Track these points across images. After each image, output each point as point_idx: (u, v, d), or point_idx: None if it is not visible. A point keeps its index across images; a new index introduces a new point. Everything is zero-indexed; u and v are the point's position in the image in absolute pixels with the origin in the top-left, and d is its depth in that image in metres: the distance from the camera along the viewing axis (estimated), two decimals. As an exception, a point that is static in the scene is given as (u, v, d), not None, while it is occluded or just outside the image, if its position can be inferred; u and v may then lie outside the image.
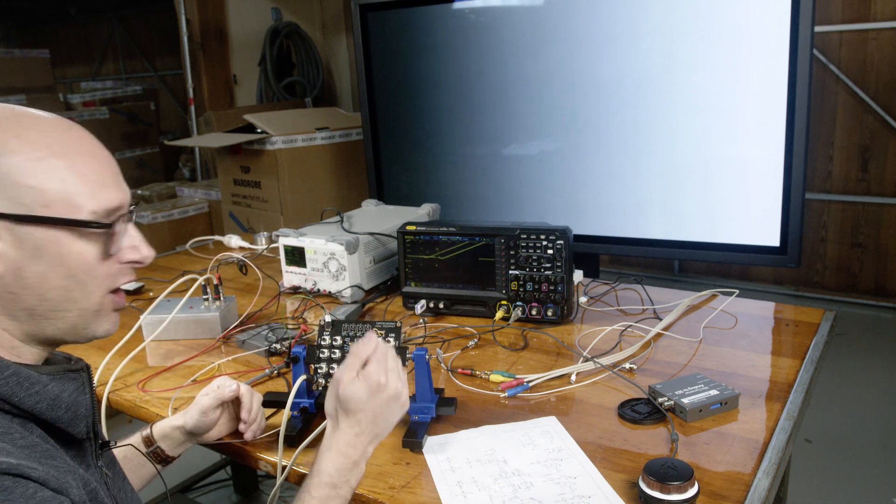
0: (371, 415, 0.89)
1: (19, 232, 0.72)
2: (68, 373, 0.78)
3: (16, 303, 0.73)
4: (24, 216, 0.71)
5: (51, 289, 0.74)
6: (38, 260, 0.73)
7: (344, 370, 0.90)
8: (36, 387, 0.72)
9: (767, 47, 1.82)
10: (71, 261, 0.75)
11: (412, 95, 2.49)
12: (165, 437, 1.11)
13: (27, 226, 0.72)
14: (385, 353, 0.93)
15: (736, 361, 1.29)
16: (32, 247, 0.72)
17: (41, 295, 0.74)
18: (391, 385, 0.91)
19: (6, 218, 0.71)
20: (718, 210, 1.99)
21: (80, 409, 0.77)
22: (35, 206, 0.72)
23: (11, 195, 0.71)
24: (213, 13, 5.03)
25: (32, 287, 0.73)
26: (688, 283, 4.22)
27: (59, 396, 0.74)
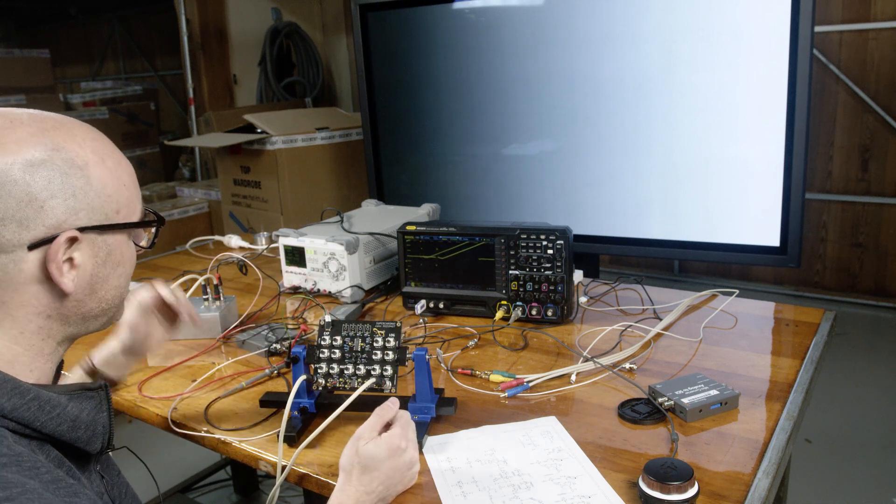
0: (384, 476, 0.91)
1: (98, 241, 0.74)
2: (85, 391, 0.78)
3: (77, 309, 0.75)
4: (107, 226, 0.74)
5: (110, 289, 0.77)
6: (105, 265, 0.75)
7: (366, 429, 0.93)
8: (57, 409, 0.72)
9: (767, 47, 1.83)
10: (127, 259, 0.79)
11: (412, 95, 2.49)
12: (108, 364, 1.10)
13: (106, 234, 0.74)
14: (409, 421, 0.97)
15: (736, 361, 1.29)
16: (105, 253, 0.75)
17: (101, 297, 0.77)
18: (409, 453, 0.94)
19: (94, 230, 0.73)
20: (718, 210, 1.99)
21: (98, 427, 0.77)
22: (111, 214, 0.74)
23: (94, 206, 0.73)
24: (213, 13, 5.03)
25: (96, 291, 0.76)
26: (688, 283, 4.22)
27: (79, 417, 0.74)
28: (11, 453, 0.65)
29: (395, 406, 0.98)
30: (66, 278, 0.72)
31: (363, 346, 1.10)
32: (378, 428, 0.94)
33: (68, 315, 0.75)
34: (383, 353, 1.09)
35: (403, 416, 0.97)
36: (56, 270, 0.70)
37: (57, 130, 0.72)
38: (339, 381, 1.09)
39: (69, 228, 0.70)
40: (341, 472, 0.93)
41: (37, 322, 0.73)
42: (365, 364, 1.09)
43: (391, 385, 1.08)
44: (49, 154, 0.70)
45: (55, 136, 0.71)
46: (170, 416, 1.19)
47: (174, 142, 3.82)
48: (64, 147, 0.71)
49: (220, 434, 1.13)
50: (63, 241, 0.70)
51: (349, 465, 0.92)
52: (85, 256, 0.73)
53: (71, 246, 0.71)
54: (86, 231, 0.72)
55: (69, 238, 0.70)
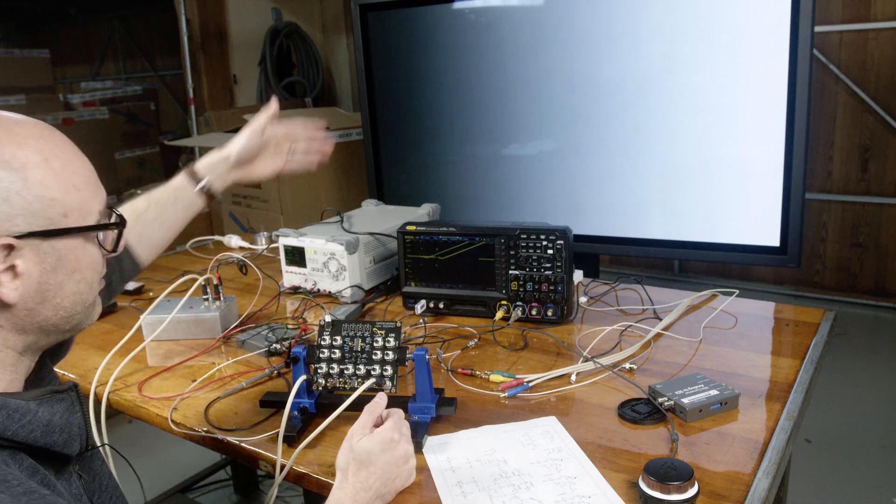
0: (380, 471, 0.91)
1: (42, 247, 0.70)
2: (55, 394, 0.76)
3: (31, 318, 0.72)
4: (50, 231, 0.70)
5: (66, 296, 0.74)
6: (56, 272, 0.72)
7: (358, 426, 0.94)
8: (27, 416, 0.70)
9: (767, 47, 1.82)
10: (85, 264, 0.75)
11: (412, 95, 2.49)
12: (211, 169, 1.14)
13: (52, 240, 0.70)
14: (400, 415, 0.97)
15: (736, 361, 1.29)
16: (54, 259, 0.71)
17: (57, 305, 0.73)
18: (402, 445, 0.94)
19: (34, 236, 0.69)
20: (718, 210, 1.99)
21: (73, 429, 0.75)
22: (58, 219, 0.71)
23: (35, 210, 0.69)
24: (213, 13, 5.03)
25: (50, 299, 0.72)
26: (688, 283, 4.23)
27: (51, 421, 0.72)
28: None
29: (384, 401, 0.98)
30: (7, 288, 0.68)
31: (363, 346, 1.10)
32: (370, 425, 0.94)
33: (23, 325, 0.72)
34: (383, 353, 1.09)
35: (394, 411, 0.98)
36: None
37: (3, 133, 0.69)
38: (339, 381, 1.09)
39: (3, 235, 0.67)
40: (337, 472, 0.93)
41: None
42: (365, 364, 1.09)
43: (391, 385, 1.08)
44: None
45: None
46: (170, 416, 1.19)
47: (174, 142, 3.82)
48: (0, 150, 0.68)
49: (220, 434, 1.13)
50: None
51: (344, 464, 0.92)
52: (29, 264, 0.69)
53: (9, 254, 0.68)
54: (25, 238, 0.68)
55: (3, 246, 0.67)
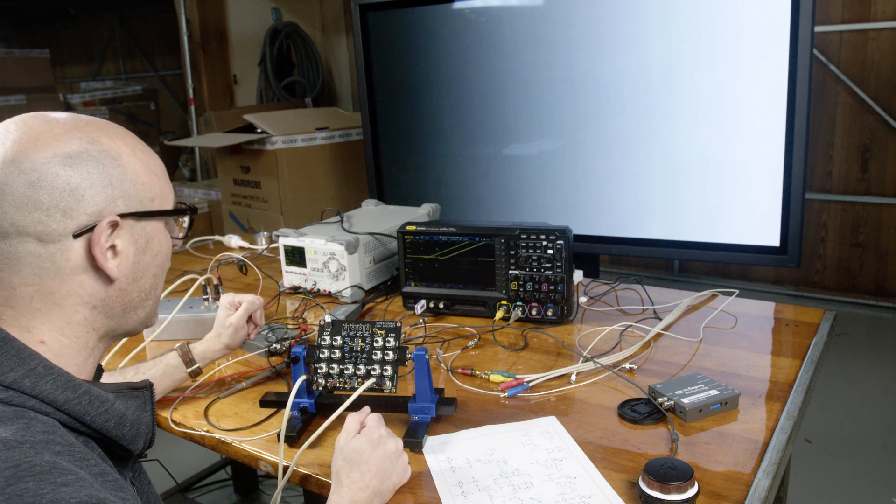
0: (374, 468, 0.92)
1: (136, 228, 0.76)
2: (131, 391, 0.80)
3: (120, 299, 0.77)
4: (143, 213, 0.76)
5: (149, 278, 0.80)
6: (145, 253, 0.78)
7: (343, 432, 0.97)
8: (105, 405, 0.73)
9: (767, 47, 1.82)
10: (164, 249, 0.81)
11: (412, 95, 2.49)
12: (205, 357, 1.26)
13: (144, 221, 0.77)
14: (380, 418, 1.00)
15: (736, 361, 1.29)
16: (145, 241, 0.78)
17: (141, 286, 0.79)
18: (391, 441, 0.97)
19: (132, 216, 0.75)
20: (718, 210, 1.99)
21: (142, 427, 0.79)
22: (147, 202, 0.77)
23: (131, 193, 0.75)
24: (213, 13, 5.03)
25: (138, 280, 0.78)
26: (688, 283, 4.22)
27: (125, 414, 0.76)
28: (65, 442, 0.67)
29: (366, 409, 1.02)
30: (111, 264, 0.74)
31: (363, 346, 1.10)
32: (355, 429, 0.97)
33: (112, 306, 0.77)
34: (383, 353, 1.09)
35: (373, 414, 1.01)
36: (101, 255, 0.73)
37: (90, 126, 0.75)
38: (339, 381, 1.09)
39: (110, 215, 0.73)
40: (333, 479, 0.93)
41: (83, 312, 0.75)
42: (365, 364, 1.09)
43: (391, 385, 1.08)
44: (86, 146, 0.73)
45: (89, 131, 0.74)
46: (170, 416, 1.19)
47: (174, 142, 3.82)
48: (98, 140, 0.74)
49: (220, 434, 1.13)
50: (105, 225, 0.72)
51: (338, 469, 0.93)
52: (126, 243, 0.75)
53: (113, 232, 0.74)
54: (125, 217, 0.74)
55: (111, 223, 0.73)
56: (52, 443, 0.66)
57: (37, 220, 0.70)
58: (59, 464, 0.63)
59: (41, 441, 0.65)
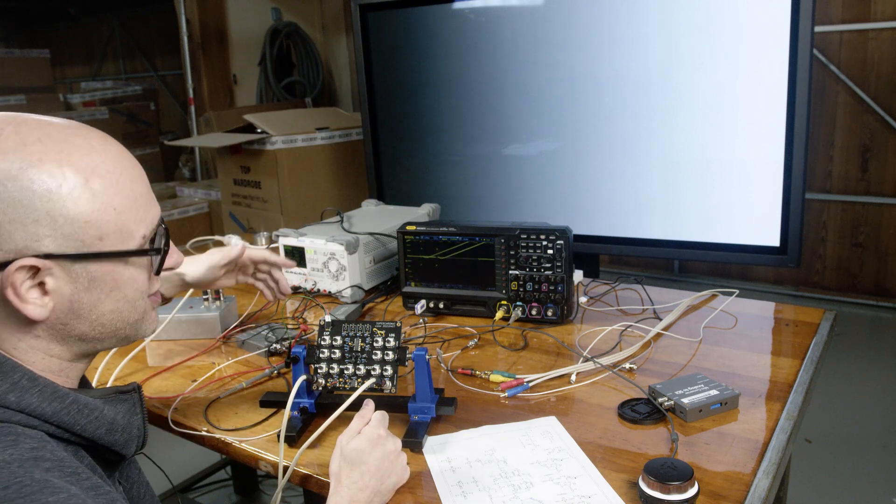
0: (374, 468, 0.91)
1: (74, 268, 0.69)
2: (119, 394, 0.78)
3: (67, 331, 0.72)
4: (81, 255, 0.69)
5: (103, 314, 0.73)
6: (90, 291, 0.71)
7: (346, 432, 0.96)
8: (95, 412, 0.71)
9: (767, 47, 1.82)
10: (125, 286, 0.74)
11: (412, 95, 2.49)
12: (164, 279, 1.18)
13: (83, 262, 0.69)
14: (384, 417, 0.99)
15: (736, 361, 1.29)
16: (87, 280, 0.70)
17: (94, 321, 0.73)
18: (391, 442, 0.96)
19: (63, 258, 0.68)
20: (718, 210, 1.99)
21: (133, 430, 0.77)
22: (92, 242, 0.69)
23: (66, 232, 0.67)
24: (213, 13, 5.03)
25: (85, 316, 0.72)
26: (688, 283, 4.22)
27: (115, 420, 0.74)
28: (55, 458, 0.65)
29: (372, 406, 1.01)
30: (32, 305, 0.68)
31: (363, 346, 1.10)
32: (359, 429, 0.96)
33: (62, 336, 0.72)
34: (383, 353, 1.09)
35: (378, 412, 1.00)
36: (14, 297, 0.66)
37: (39, 144, 0.67)
38: (339, 381, 1.09)
39: (29, 255, 0.66)
40: (332, 479, 0.93)
41: (26, 341, 0.71)
42: (365, 364, 1.09)
43: (391, 385, 1.08)
44: (15, 172, 0.65)
45: (32, 152, 0.66)
46: (170, 416, 1.19)
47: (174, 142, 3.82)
48: (37, 165, 0.65)
49: (220, 434, 1.13)
50: (15, 269, 0.65)
51: (337, 468, 0.93)
52: (60, 282, 0.69)
53: (36, 273, 0.67)
54: (54, 259, 0.67)
55: (26, 267, 0.66)
56: (41, 459, 0.64)
57: None
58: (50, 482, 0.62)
59: (30, 458, 0.63)
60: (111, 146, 0.73)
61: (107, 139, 0.74)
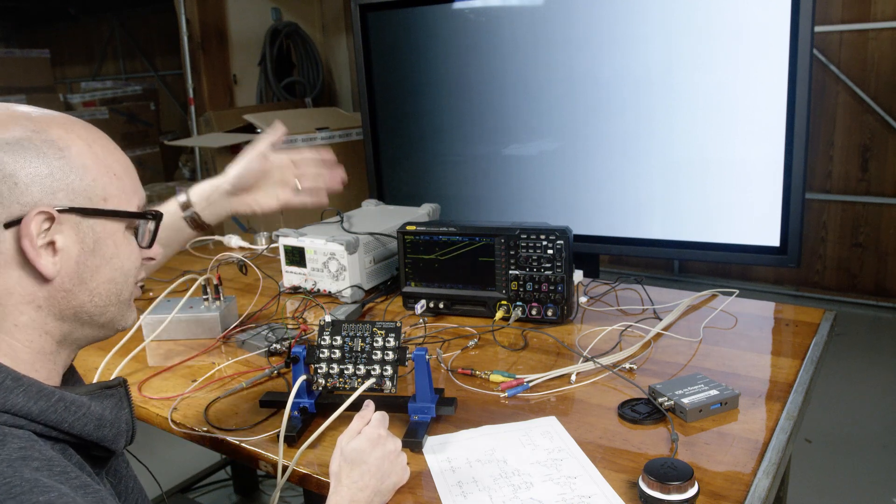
0: (374, 468, 0.92)
1: (83, 226, 0.72)
2: (105, 390, 0.78)
3: (67, 301, 0.73)
4: (91, 209, 0.72)
5: (102, 282, 0.75)
6: (94, 254, 0.74)
7: (346, 432, 0.96)
8: (82, 409, 0.71)
9: (767, 47, 1.82)
10: (122, 253, 0.77)
11: (412, 95, 2.49)
12: (206, 198, 1.15)
13: (91, 219, 0.73)
14: (384, 417, 0.99)
15: (736, 361, 1.29)
16: (93, 241, 0.73)
17: (92, 290, 0.75)
18: (391, 442, 0.96)
19: (74, 212, 0.71)
20: (718, 210, 1.99)
21: (121, 425, 0.77)
22: (98, 200, 0.73)
23: (76, 188, 0.71)
24: (213, 13, 5.03)
25: (86, 282, 0.74)
26: (688, 283, 4.22)
27: (103, 415, 0.74)
28: (43, 457, 0.65)
29: (372, 407, 1.01)
30: (45, 261, 0.70)
31: (363, 346, 1.10)
32: (359, 429, 0.96)
33: (61, 309, 0.73)
34: (383, 353, 1.09)
35: (378, 413, 1.00)
36: (31, 249, 0.68)
37: (48, 118, 0.72)
38: (339, 381, 1.09)
39: (46, 206, 0.69)
40: (331, 479, 0.93)
41: (28, 314, 0.71)
42: (365, 364, 1.09)
43: (391, 385, 1.08)
44: (28, 134, 0.70)
45: (39, 121, 0.71)
46: (170, 416, 1.19)
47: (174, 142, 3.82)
48: (46, 130, 0.71)
49: (220, 434, 1.13)
50: (34, 216, 0.68)
51: (337, 469, 0.93)
52: (68, 241, 0.71)
53: (50, 227, 0.69)
54: (66, 212, 0.70)
55: (45, 215, 0.69)
56: (29, 458, 0.64)
57: None
58: (39, 481, 0.61)
59: (18, 458, 0.63)
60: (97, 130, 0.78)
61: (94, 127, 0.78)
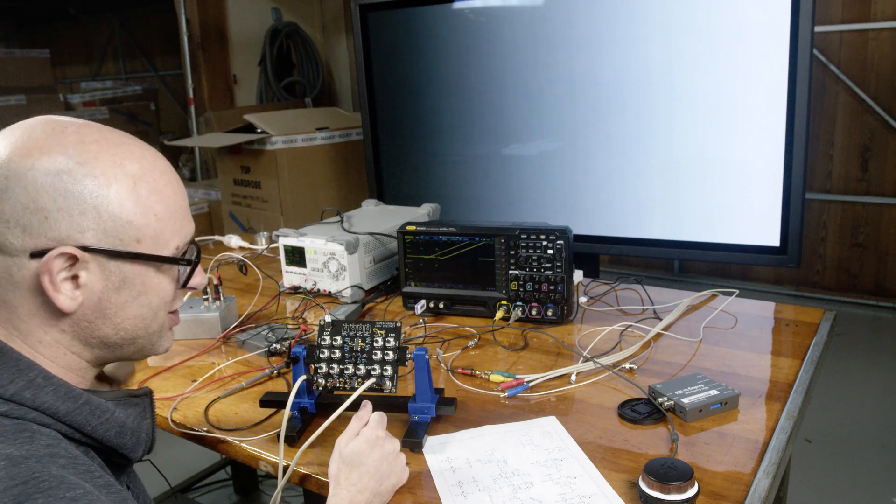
0: (372, 470, 0.91)
1: (109, 266, 0.71)
2: (130, 398, 0.78)
3: (91, 331, 0.73)
4: (119, 252, 0.71)
5: (127, 318, 0.75)
6: (120, 292, 0.73)
7: (345, 433, 0.96)
8: (106, 414, 0.72)
9: (767, 47, 1.82)
10: (152, 292, 0.76)
11: (412, 95, 2.49)
12: None
13: (118, 261, 0.71)
14: (382, 418, 0.98)
15: (736, 361, 1.29)
16: (119, 279, 0.72)
17: (117, 324, 0.74)
18: (389, 443, 0.95)
19: (101, 253, 0.70)
20: (718, 210, 1.99)
21: (142, 435, 0.78)
22: (130, 242, 0.72)
23: (108, 228, 0.70)
24: (213, 13, 5.03)
25: (110, 317, 0.74)
26: (688, 283, 4.22)
27: (125, 423, 0.75)
28: (69, 455, 0.66)
29: (370, 408, 1.01)
30: (64, 296, 0.69)
31: (363, 346, 1.10)
32: (357, 431, 0.96)
33: (84, 336, 0.73)
34: (383, 353, 1.09)
35: (376, 413, 1.00)
36: (49, 284, 0.68)
37: (97, 145, 0.70)
38: (339, 381, 1.09)
39: (71, 245, 0.68)
40: (330, 482, 0.93)
41: (51, 334, 0.72)
42: (365, 364, 1.09)
43: (391, 385, 1.08)
44: (71, 166, 0.68)
45: (89, 150, 0.69)
46: (170, 416, 1.19)
47: (174, 142, 3.82)
48: (91, 162, 0.69)
49: (220, 434, 1.13)
50: (55, 255, 0.67)
51: (336, 471, 0.93)
52: (93, 277, 0.70)
53: (74, 264, 0.69)
54: (92, 252, 0.69)
55: (66, 254, 0.68)
56: (57, 456, 0.65)
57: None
58: (66, 478, 0.62)
59: (46, 455, 0.64)
60: (160, 160, 0.77)
61: (157, 153, 0.77)
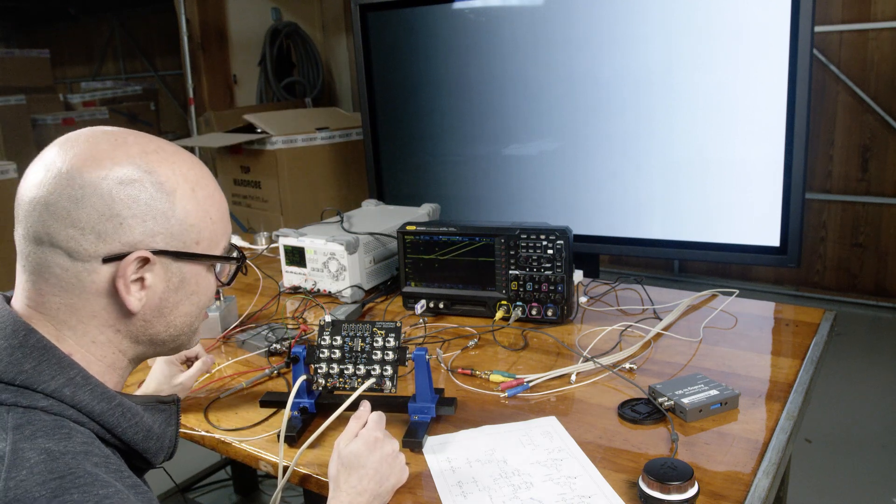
0: (372, 471, 0.92)
1: (172, 267, 0.75)
2: (159, 404, 0.80)
3: (145, 329, 0.76)
4: (182, 253, 0.75)
5: (179, 315, 0.78)
6: (177, 291, 0.77)
7: (343, 434, 0.96)
8: (136, 417, 0.74)
9: (767, 47, 1.83)
10: (202, 291, 0.80)
11: (412, 95, 2.49)
12: None
13: (181, 262, 0.76)
14: (380, 416, 0.99)
15: (736, 361, 1.29)
16: (178, 280, 0.76)
17: (169, 322, 0.78)
18: (388, 443, 0.96)
19: (168, 255, 0.74)
20: (718, 210, 1.99)
21: (166, 441, 0.80)
22: (191, 244, 0.76)
23: (174, 232, 0.74)
24: (213, 13, 5.03)
25: (165, 315, 0.77)
26: (688, 283, 4.22)
27: (152, 428, 0.77)
28: (102, 454, 0.68)
29: (368, 408, 1.01)
30: (133, 297, 0.73)
31: (363, 346, 1.10)
32: (356, 432, 0.96)
33: (137, 334, 0.76)
34: (383, 353, 1.09)
35: (375, 413, 1.00)
36: (123, 287, 0.72)
37: (157, 154, 0.74)
38: (339, 381, 1.09)
39: (143, 249, 0.72)
40: (330, 484, 0.93)
41: (107, 334, 0.75)
42: (365, 364, 1.09)
43: (391, 385, 1.08)
44: (140, 175, 0.72)
45: (152, 160, 0.73)
46: (170, 416, 1.19)
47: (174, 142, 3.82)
48: (157, 171, 0.73)
49: (220, 434, 1.13)
50: (133, 259, 0.71)
51: (335, 473, 0.93)
52: (157, 279, 0.74)
53: (143, 266, 0.73)
54: (160, 255, 0.73)
55: (141, 258, 0.72)
56: (91, 454, 0.67)
57: (70, 237, 0.69)
58: (99, 476, 0.64)
59: (82, 452, 0.66)
60: (205, 167, 0.81)
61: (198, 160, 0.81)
